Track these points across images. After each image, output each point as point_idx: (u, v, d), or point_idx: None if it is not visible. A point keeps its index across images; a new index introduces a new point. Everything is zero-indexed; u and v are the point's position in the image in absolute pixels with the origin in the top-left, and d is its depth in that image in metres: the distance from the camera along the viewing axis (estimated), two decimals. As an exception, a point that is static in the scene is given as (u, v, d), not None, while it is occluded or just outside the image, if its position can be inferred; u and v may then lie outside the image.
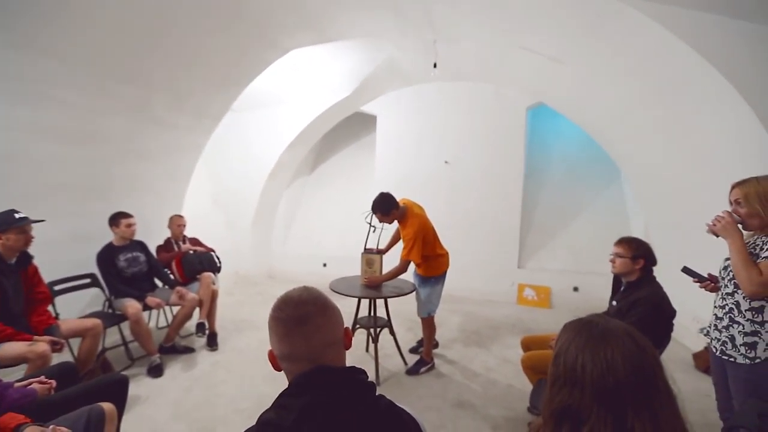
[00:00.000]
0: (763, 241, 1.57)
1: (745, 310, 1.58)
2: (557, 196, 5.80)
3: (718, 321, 1.70)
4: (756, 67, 2.44)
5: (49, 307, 2.69)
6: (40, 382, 1.74)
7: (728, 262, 1.68)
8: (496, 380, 3.16)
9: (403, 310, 4.05)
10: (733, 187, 1.66)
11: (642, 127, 3.72)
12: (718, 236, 1.65)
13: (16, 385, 1.69)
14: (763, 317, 1.54)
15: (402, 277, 3.41)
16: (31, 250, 2.52)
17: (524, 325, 4.51)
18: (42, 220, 2.49)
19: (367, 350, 3.64)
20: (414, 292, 3.24)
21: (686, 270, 1.86)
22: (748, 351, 1.54)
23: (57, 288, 2.98)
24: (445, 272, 3.29)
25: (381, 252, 3.37)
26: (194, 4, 2.82)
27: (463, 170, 5.64)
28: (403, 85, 5.68)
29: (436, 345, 3.64)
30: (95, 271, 3.26)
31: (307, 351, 0.84)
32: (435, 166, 5.76)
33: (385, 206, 3.06)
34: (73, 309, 3.18)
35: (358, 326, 3.32)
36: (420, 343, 3.68)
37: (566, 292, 5.18)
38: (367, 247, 3.42)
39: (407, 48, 4.31)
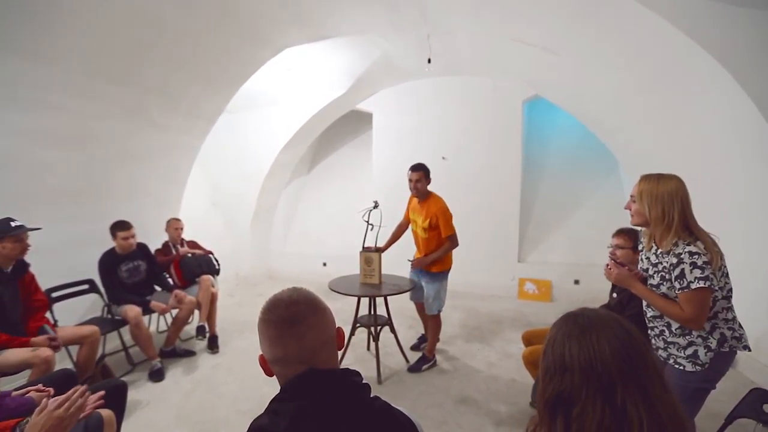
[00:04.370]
0: (669, 263, 1.53)
1: (675, 329, 1.60)
2: (556, 189, 5.76)
3: (655, 339, 1.70)
4: (751, 51, 2.41)
5: (47, 314, 2.68)
6: (38, 390, 1.72)
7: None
8: (499, 375, 3.15)
9: (403, 308, 4.04)
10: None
11: (637, 116, 3.70)
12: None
13: (14, 393, 1.67)
14: (692, 331, 1.56)
15: (400, 274, 3.41)
16: (29, 257, 2.51)
17: (526, 319, 4.50)
18: (38, 228, 2.48)
19: (368, 349, 3.63)
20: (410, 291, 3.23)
21: None
22: (695, 361, 1.56)
23: (55, 295, 2.96)
24: (451, 267, 3.30)
25: (379, 250, 3.36)
26: (185, 4, 2.79)
27: (460, 166, 5.60)
28: (398, 81, 5.64)
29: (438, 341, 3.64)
30: (93, 276, 3.25)
31: (300, 352, 0.82)
32: (432, 163, 5.69)
33: (427, 170, 3.25)
34: (72, 315, 3.17)
35: (358, 325, 3.31)
36: (421, 339, 3.67)
37: (567, 285, 5.16)
38: (366, 245, 3.41)
39: (401, 44, 4.28)
